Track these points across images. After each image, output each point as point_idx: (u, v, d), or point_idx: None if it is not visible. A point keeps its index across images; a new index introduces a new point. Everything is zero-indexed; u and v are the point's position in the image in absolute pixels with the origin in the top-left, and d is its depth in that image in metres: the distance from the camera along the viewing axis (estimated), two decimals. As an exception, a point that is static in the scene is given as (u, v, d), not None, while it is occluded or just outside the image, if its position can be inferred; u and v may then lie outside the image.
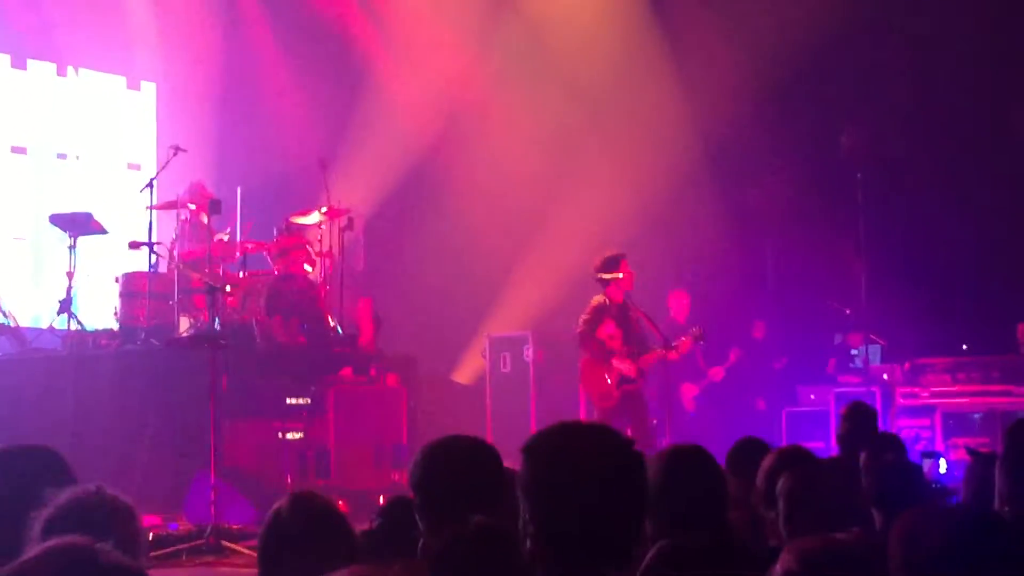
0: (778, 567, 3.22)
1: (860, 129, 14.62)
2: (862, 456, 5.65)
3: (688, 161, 14.99)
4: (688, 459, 4.13)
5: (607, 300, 11.05)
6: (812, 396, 13.39)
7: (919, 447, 12.18)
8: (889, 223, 14.41)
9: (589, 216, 14.33)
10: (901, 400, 12.89)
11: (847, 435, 6.88)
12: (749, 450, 5.50)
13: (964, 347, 13.48)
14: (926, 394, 12.82)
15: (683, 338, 11.05)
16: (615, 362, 10.94)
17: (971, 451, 5.57)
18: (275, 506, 3.69)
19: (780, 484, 4.50)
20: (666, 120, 14.99)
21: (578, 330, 11.17)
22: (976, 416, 12.56)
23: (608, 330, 10.97)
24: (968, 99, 14.21)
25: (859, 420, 6.97)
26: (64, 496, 3.17)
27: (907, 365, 13.08)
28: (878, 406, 12.86)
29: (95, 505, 3.19)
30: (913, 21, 14.33)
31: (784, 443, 8.12)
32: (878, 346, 13.73)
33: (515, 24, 15.36)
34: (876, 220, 14.30)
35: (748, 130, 14.82)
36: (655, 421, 12.76)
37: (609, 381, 10.94)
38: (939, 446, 12.15)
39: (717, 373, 13.80)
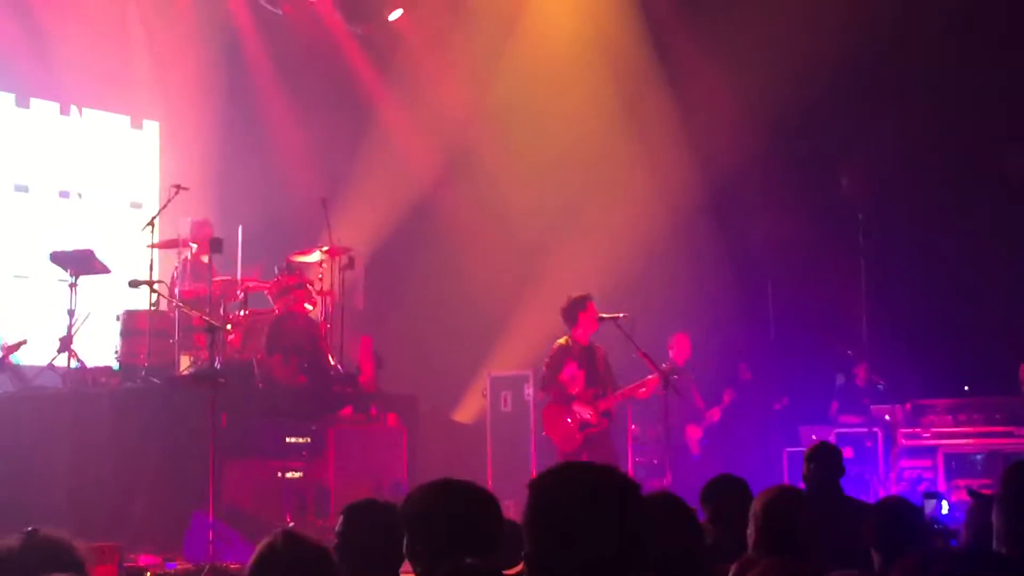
0: None
1: (861, 170, 14.65)
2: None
3: (689, 200, 15.02)
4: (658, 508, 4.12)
5: (570, 342, 11.08)
6: (813, 436, 13.35)
7: (921, 488, 12.15)
8: (890, 263, 14.41)
9: (590, 255, 14.35)
10: (903, 441, 12.87)
11: (812, 475, 6.86)
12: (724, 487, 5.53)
13: (966, 388, 13.45)
14: (928, 435, 12.80)
15: (650, 377, 11.00)
16: (575, 407, 10.95)
17: (972, 492, 5.55)
18: (267, 540, 3.68)
19: (753, 505, 4.57)
20: (667, 160, 15.03)
21: (539, 373, 11.23)
22: (978, 457, 12.53)
23: (570, 371, 10.99)
24: (970, 140, 14.23)
25: (825, 459, 6.94)
26: (4, 543, 3.16)
27: (908, 406, 13.06)
28: (879, 447, 12.86)
29: (26, 551, 3.17)
30: (910, 61, 14.37)
31: (786, 483, 8.11)
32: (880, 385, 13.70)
33: (515, 62, 15.42)
34: (877, 260, 14.31)
35: (749, 171, 14.85)
36: (655, 462, 12.75)
37: (570, 422, 10.94)
38: (941, 487, 12.11)
39: (714, 414, 13.80)
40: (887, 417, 13.10)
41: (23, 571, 2.89)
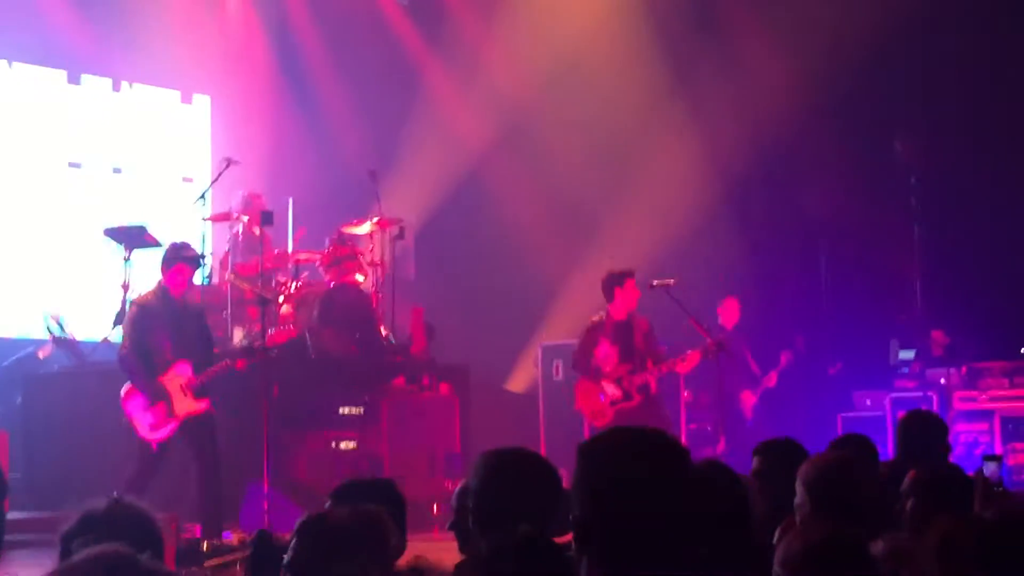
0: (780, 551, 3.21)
1: (914, 134, 14.49)
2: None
3: (741, 166, 14.91)
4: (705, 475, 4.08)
5: (603, 318, 11.02)
6: (868, 401, 13.26)
7: (978, 451, 12.06)
8: (944, 227, 14.26)
9: (641, 223, 14.30)
10: (959, 404, 12.77)
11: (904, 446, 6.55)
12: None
13: (1022, 351, 13.32)
14: (984, 398, 12.69)
15: (690, 351, 10.90)
16: (604, 384, 10.92)
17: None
18: (317, 511, 3.72)
19: (806, 470, 4.54)
20: (718, 126, 14.93)
21: (573, 352, 11.22)
22: (1035, 420, 12.43)
23: (603, 349, 10.93)
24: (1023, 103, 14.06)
25: (918, 430, 6.63)
26: (81, 509, 3.20)
27: (964, 369, 12.95)
28: (935, 411, 12.76)
29: (111, 516, 3.21)
30: (968, 25, 14.19)
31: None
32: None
33: (564, 30, 15.35)
34: (931, 224, 14.17)
35: (802, 134, 14.72)
36: (709, 428, 12.71)
37: (602, 399, 10.91)
38: (998, 450, 12.01)
39: (770, 379, 13.70)
40: (943, 381, 12.99)
41: (105, 534, 2.91)
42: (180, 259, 9.50)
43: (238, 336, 11.32)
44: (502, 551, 3.12)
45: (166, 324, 9.43)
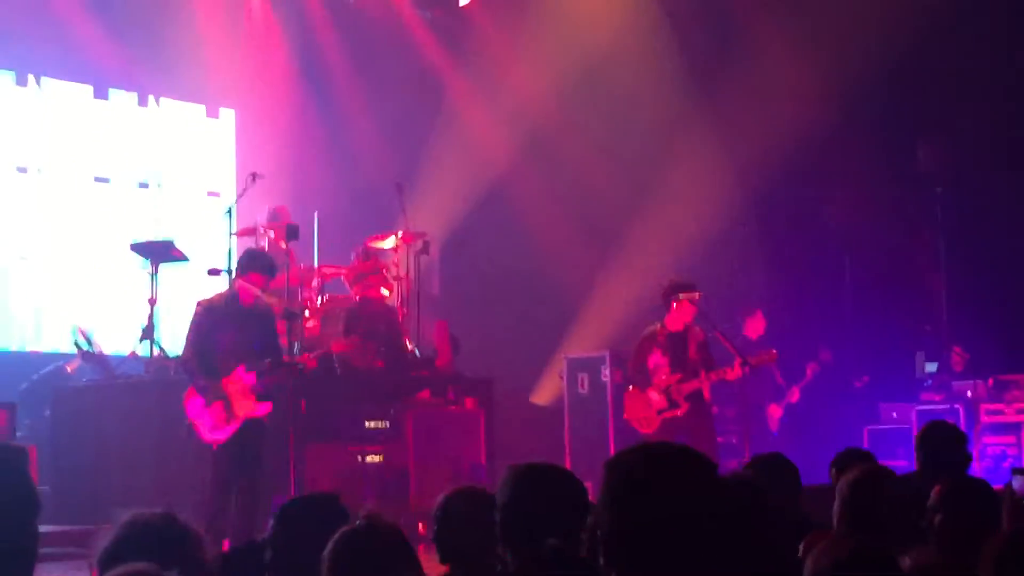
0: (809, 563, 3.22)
1: (938, 143, 14.46)
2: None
3: (764, 175, 14.90)
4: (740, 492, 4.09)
5: (657, 328, 11.05)
6: (894, 414, 13.24)
7: (1006, 464, 12.01)
8: (969, 237, 14.23)
9: (666, 235, 14.31)
10: (985, 417, 12.72)
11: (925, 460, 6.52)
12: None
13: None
14: (1011, 411, 12.64)
15: (726, 367, 10.91)
16: (649, 392, 10.96)
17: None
18: (348, 526, 3.74)
19: (839, 482, 4.54)
20: (742, 135, 14.91)
21: (628, 363, 11.28)
22: (1063, 432, 12.38)
23: (654, 360, 10.97)
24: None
25: (935, 443, 6.59)
26: (132, 518, 3.19)
27: (991, 381, 12.91)
28: (962, 423, 12.71)
29: (163, 529, 3.23)
30: (992, 31, 14.15)
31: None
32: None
33: (586, 41, 15.37)
34: (955, 235, 14.14)
35: (825, 145, 14.71)
36: (735, 441, 12.69)
37: (649, 407, 10.94)
38: (1025, 463, 11.97)
39: (793, 394, 13.69)
40: (969, 393, 12.96)
41: (156, 551, 2.91)
42: (254, 268, 9.56)
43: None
44: (531, 565, 3.13)
45: (228, 327, 9.47)
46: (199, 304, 9.75)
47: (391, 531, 3.77)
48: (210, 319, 9.51)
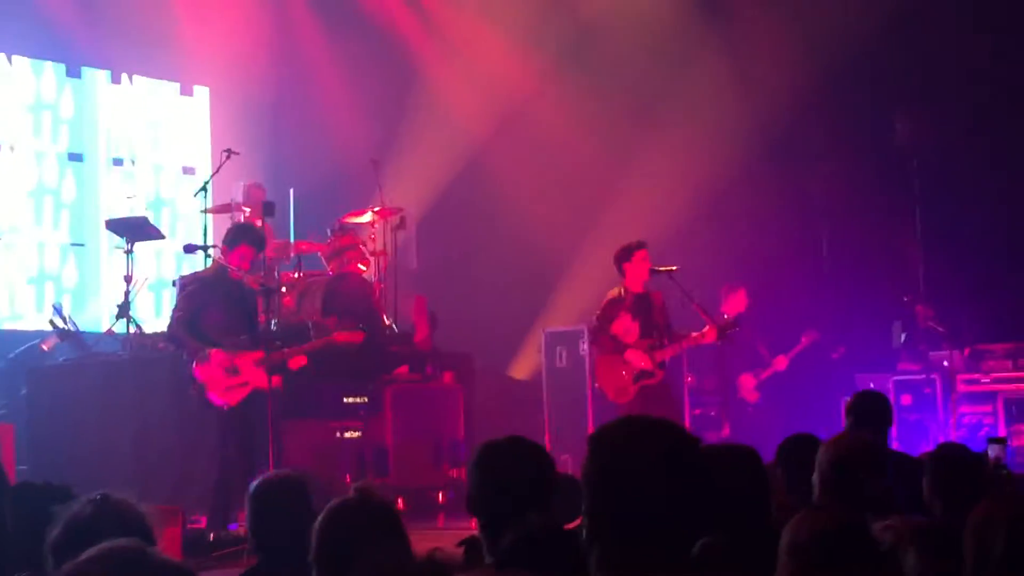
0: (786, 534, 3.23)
1: (915, 116, 14.48)
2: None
3: (743, 151, 14.90)
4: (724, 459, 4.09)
5: (623, 291, 10.95)
6: (871, 384, 13.28)
7: (982, 434, 12.08)
8: (946, 209, 14.26)
9: (643, 209, 14.30)
10: (962, 387, 12.78)
11: (851, 429, 6.58)
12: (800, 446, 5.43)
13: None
14: (987, 380, 12.70)
15: (708, 327, 10.83)
16: (628, 356, 10.82)
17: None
18: (340, 498, 3.75)
19: (819, 454, 4.56)
20: (720, 110, 14.90)
21: (590, 325, 11.10)
22: (1039, 401, 12.45)
23: (623, 323, 10.84)
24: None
25: (866, 411, 6.68)
26: (70, 510, 3.24)
27: (967, 351, 12.96)
28: (938, 393, 12.78)
29: (101, 513, 3.25)
30: (969, 5, 14.18)
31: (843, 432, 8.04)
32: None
33: (566, 17, 15.33)
34: (933, 206, 14.17)
35: (803, 119, 14.72)
36: (713, 413, 12.72)
37: (624, 374, 10.83)
38: (1001, 432, 12.02)
39: (782, 362, 13.64)
40: (945, 363, 13.00)
41: (94, 536, 2.95)
42: (244, 240, 9.56)
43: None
44: (520, 543, 3.15)
45: (221, 301, 9.48)
46: (193, 278, 9.75)
47: (382, 504, 3.77)
48: (203, 293, 9.52)
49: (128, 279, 11.49)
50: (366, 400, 11.12)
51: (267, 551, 4.56)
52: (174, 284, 11.71)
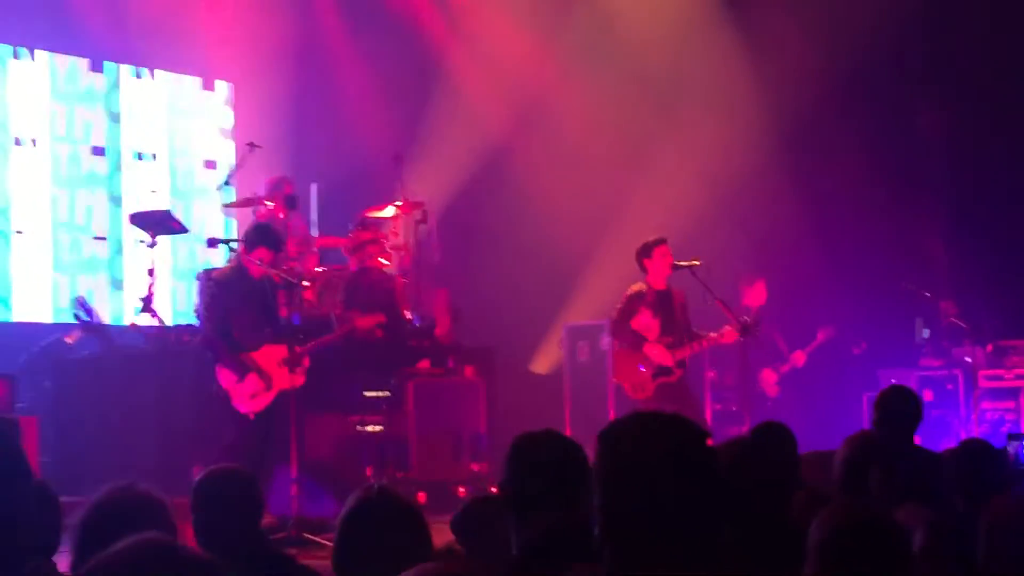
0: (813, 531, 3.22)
1: (939, 109, 14.43)
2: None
3: (763, 145, 14.87)
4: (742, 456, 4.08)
5: (644, 288, 10.93)
6: (893, 380, 13.24)
7: (1004, 429, 12.04)
8: (969, 204, 14.21)
9: (664, 203, 14.27)
10: (984, 383, 12.74)
11: (880, 424, 6.54)
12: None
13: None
14: (1010, 376, 12.66)
15: (727, 327, 10.80)
16: (647, 350, 10.80)
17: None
18: (359, 494, 3.75)
19: (839, 450, 4.56)
20: (740, 104, 14.88)
21: (611, 319, 11.09)
22: (1061, 397, 12.40)
23: (644, 319, 10.81)
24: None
25: (893, 407, 6.67)
26: (98, 495, 3.27)
27: (990, 347, 12.91)
28: (960, 389, 12.74)
29: (126, 501, 3.28)
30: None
31: (866, 427, 8.04)
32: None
33: (587, 12, 15.31)
34: (956, 201, 14.12)
35: (824, 112, 14.67)
36: (734, 408, 12.71)
37: (643, 370, 10.81)
38: (1023, 428, 11.99)
39: (800, 358, 13.63)
40: (968, 359, 12.96)
41: (120, 523, 2.98)
42: (264, 243, 9.61)
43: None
44: (546, 536, 3.16)
45: (245, 300, 9.53)
46: (210, 278, 9.78)
47: (404, 501, 3.78)
48: (225, 295, 9.56)
49: (151, 272, 11.54)
50: (387, 394, 11.14)
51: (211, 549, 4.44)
52: (197, 278, 11.76)
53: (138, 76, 14.55)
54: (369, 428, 10.91)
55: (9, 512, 2.96)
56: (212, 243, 11.29)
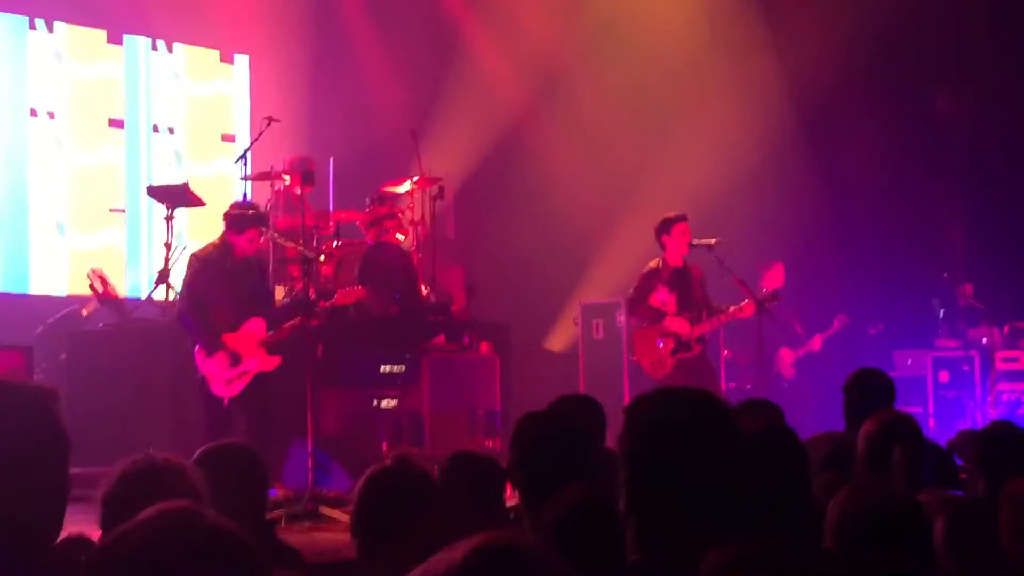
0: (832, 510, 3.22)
1: (957, 91, 14.37)
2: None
3: (781, 123, 14.83)
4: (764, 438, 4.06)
5: (660, 264, 10.92)
6: (909, 361, 13.23)
7: (1021, 411, 12.03)
8: (986, 186, 14.16)
9: (681, 181, 14.25)
10: (1001, 364, 12.72)
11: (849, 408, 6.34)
12: None
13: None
14: (1026, 357, 12.64)
15: (745, 302, 10.76)
16: (667, 322, 10.79)
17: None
18: (378, 465, 3.76)
19: (863, 428, 4.55)
20: (759, 82, 14.83)
21: (627, 297, 11.07)
22: (1078, 379, 12.38)
23: (661, 296, 10.80)
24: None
25: (863, 391, 6.43)
26: (123, 465, 3.29)
27: (1006, 328, 12.89)
28: (976, 370, 12.71)
29: (151, 470, 3.30)
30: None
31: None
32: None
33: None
34: (973, 183, 14.07)
35: (842, 94, 14.62)
36: (749, 387, 12.69)
37: (662, 346, 10.80)
38: (1039, 410, 11.98)
39: (817, 342, 13.62)
40: (984, 340, 12.94)
41: (147, 491, 2.99)
42: (252, 225, 9.59)
43: (279, 294, 11.37)
44: (565, 518, 3.16)
45: (225, 279, 9.51)
46: (193, 258, 9.77)
47: (420, 472, 3.79)
48: (207, 273, 9.53)
49: (168, 245, 11.54)
50: (403, 369, 11.12)
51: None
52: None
53: (155, 49, 14.54)
54: (384, 403, 10.91)
55: (52, 489, 2.98)
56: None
